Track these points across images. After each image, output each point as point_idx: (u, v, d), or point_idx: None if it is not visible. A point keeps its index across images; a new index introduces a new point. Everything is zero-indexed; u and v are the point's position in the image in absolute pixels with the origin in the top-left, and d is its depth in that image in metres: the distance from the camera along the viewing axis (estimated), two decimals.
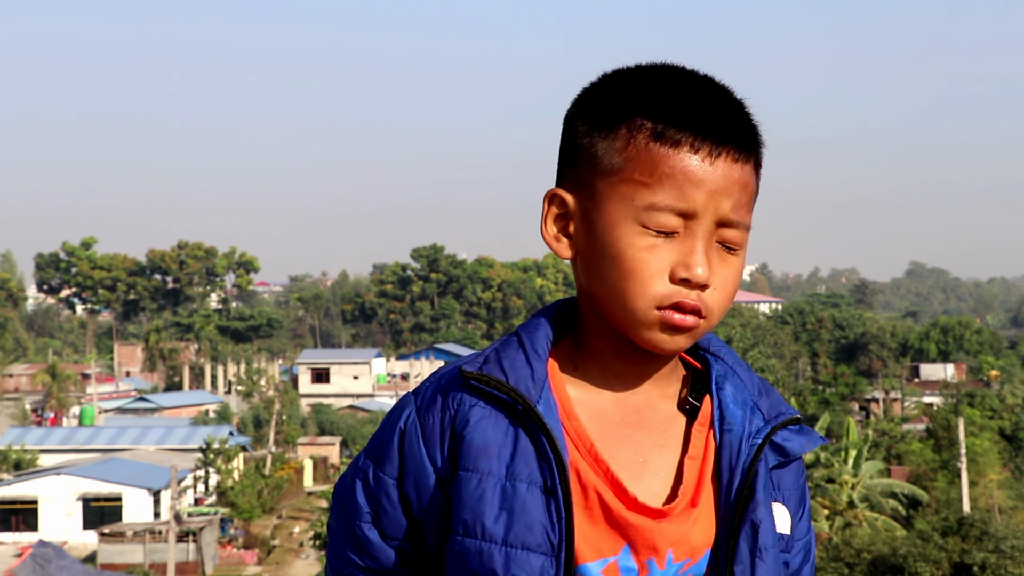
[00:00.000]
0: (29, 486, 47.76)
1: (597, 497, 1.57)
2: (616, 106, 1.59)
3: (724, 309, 1.60)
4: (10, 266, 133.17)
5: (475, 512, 1.56)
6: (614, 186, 1.57)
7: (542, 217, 1.65)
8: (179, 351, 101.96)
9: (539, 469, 1.56)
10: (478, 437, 1.58)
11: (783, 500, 1.68)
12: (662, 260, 1.54)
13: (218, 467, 50.75)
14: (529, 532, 1.55)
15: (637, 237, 1.55)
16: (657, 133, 1.55)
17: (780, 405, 1.68)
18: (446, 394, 1.62)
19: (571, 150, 1.63)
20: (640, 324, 1.56)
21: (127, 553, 40.97)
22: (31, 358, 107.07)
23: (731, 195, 1.56)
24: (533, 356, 1.61)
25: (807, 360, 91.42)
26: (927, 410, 65.06)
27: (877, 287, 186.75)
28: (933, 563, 26.49)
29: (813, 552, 1.75)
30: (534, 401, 1.57)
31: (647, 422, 1.65)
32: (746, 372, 1.70)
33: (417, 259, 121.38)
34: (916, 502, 38.77)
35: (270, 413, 67.50)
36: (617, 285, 1.56)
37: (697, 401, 1.66)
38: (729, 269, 1.59)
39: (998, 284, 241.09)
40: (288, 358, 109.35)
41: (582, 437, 1.60)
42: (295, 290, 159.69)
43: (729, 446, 1.63)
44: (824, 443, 1.72)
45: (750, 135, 1.60)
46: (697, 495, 1.61)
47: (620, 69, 1.64)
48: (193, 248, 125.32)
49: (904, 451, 47.35)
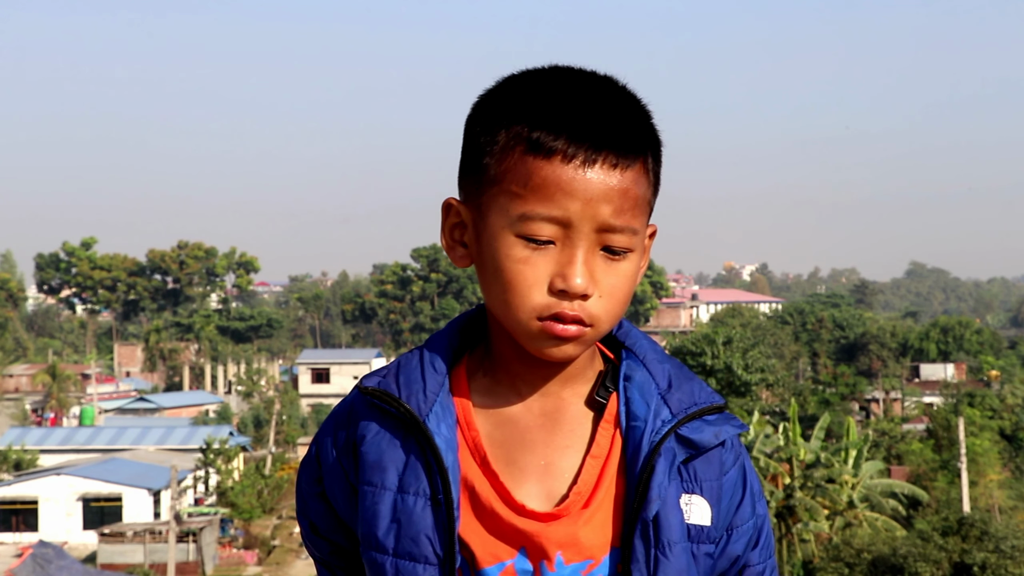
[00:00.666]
0: (29, 486, 47.78)
1: (489, 505, 1.60)
2: (499, 115, 1.58)
3: (614, 315, 1.58)
4: (10, 266, 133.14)
5: (370, 525, 1.62)
6: (494, 197, 1.56)
7: (440, 226, 1.65)
8: (179, 351, 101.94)
9: (427, 481, 1.60)
10: (372, 452, 1.63)
11: (700, 491, 1.64)
12: (540, 271, 1.54)
13: (218, 467, 50.76)
14: (414, 544, 1.59)
15: (514, 249, 1.54)
16: (531, 143, 1.53)
17: (695, 395, 1.66)
18: (352, 408, 1.69)
19: (464, 159, 1.63)
20: (525, 335, 1.57)
21: (127, 553, 40.99)
22: (31, 358, 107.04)
23: (610, 201, 1.53)
24: (428, 370, 1.64)
25: (807, 360, 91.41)
26: (927, 410, 65.03)
27: (877, 287, 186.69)
28: (933, 563, 26.49)
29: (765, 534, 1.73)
30: (423, 416, 1.60)
31: (555, 423, 1.65)
32: (658, 364, 1.68)
33: (417, 259, 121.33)
34: (916, 502, 38.77)
35: (270, 413, 67.52)
36: (500, 297, 1.57)
37: (603, 398, 1.65)
38: (617, 275, 1.57)
39: (998, 284, 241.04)
40: (288, 358, 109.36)
41: (478, 447, 1.62)
42: (295, 290, 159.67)
43: (633, 443, 1.62)
44: (743, 429, 1.68)
45: (632, 138, 1.56)
46: (593, 495, 1.61)
47: (515, 74, 1.62)
48: (193, 248, 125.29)
49: (904, 451, 47.33)
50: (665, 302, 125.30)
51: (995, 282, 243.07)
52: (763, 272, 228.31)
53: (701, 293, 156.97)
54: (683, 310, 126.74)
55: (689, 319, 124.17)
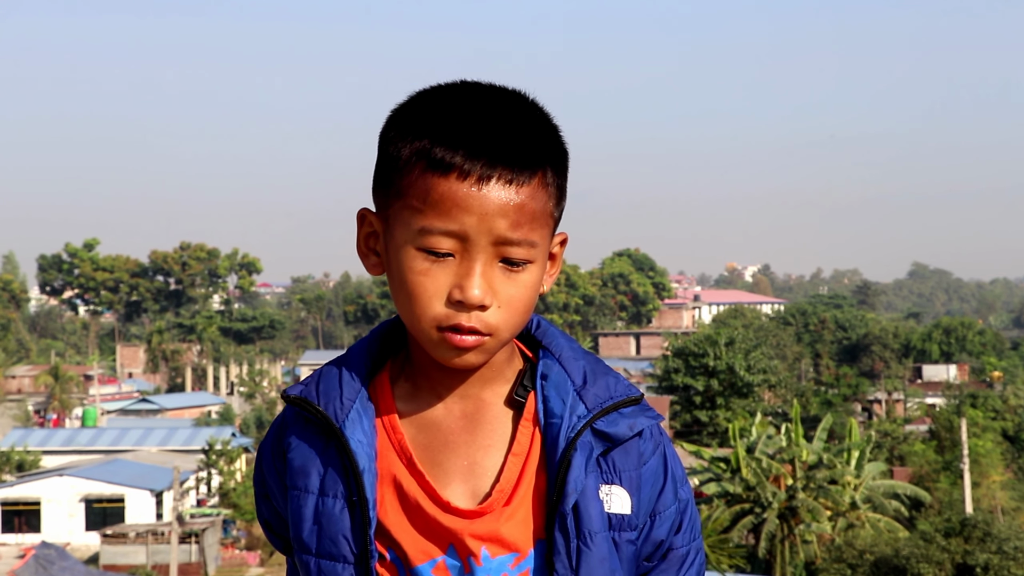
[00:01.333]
0: (32, 487, 47.80)
1: (416, 504, 1.66)
2: (405, 130, 1.62)
3: (513, 324, 1.62)
4: (13, 267, 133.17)
5: (296, 527, 1.70)
6: (399, 211, 1.61)
7: (356, 234, 1.71)
8: (181, 352, 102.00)
9: (344, 484, 1.67)
10: (298, 458, 1.71)
11: (620, 481, 1.69)
12: (439, 283, 1.59)
13: (220, 468, 50.79)
14: (333, 544, 1.67)
15: (415, 261, 1.59)
16: (431, 159, 1.58)
17: (611, 390, 1.71)
18: (283, 418, 1.77)
19: (376, 170, 1.68)
20: (428, 343, 1.62)
21: (130, 554, 41.02)
22: (34, 359, 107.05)
23: (506, 215, 1.57)
24: (346, 378, 1.70)
25: (809, 361, 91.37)
26: (930, 411, 65.01)
27: (879, 288, 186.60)
28: (936, 564, 26.49)
29: (688, 518, 1.78)
30: (339, 422, 1.66)
31: (476, 424, 1.70)
32: (573, 361, 1.73)
33: None
34: (919, 503, 38.76)
35: (272, 414, 67.53)
36: (405, 307, 1.62)
37: (522, 397, 1.71)
38: (516, 286, 1.61)
39: (1000, 285, 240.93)
40: (290, 359, 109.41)
41: (404, 449, 1.68)
42: (297, 291, 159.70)
43: (551, 439, 1.67)
44: (656, 420, 1.73)
45: (529, 154, 1.60)
46: (515, 492, 1.67)
47: (425, 89, 1.67)
48: (195, 249, 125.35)
49: (907, 452, 47.31)
50: (667, 303, 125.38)
51: (997, 283, 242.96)
52: (765, 273, 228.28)
53: (703, 294, 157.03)
54: (685, 311, 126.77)
55: (691, 320, 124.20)
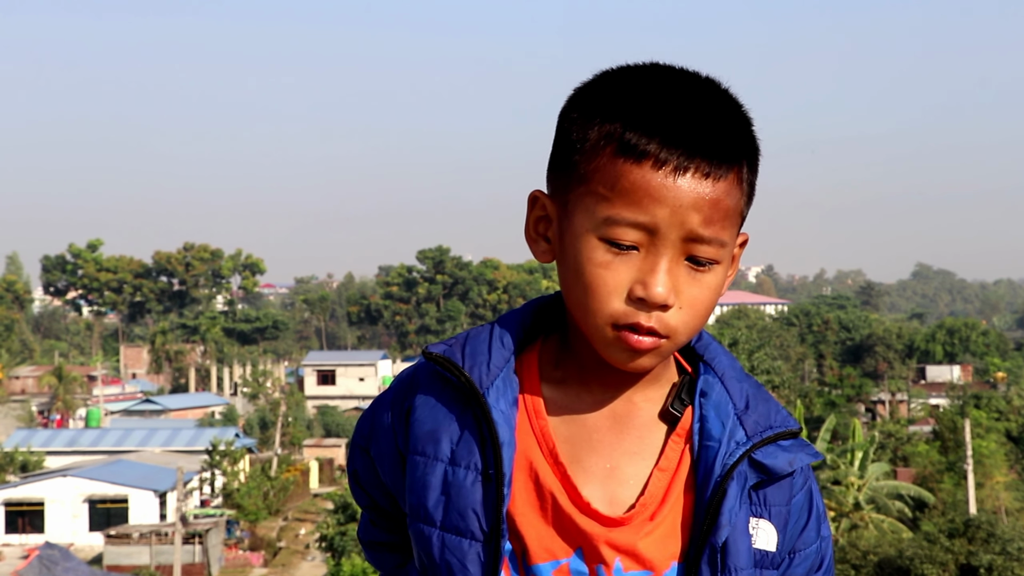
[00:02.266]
0: (35, 488, 47.85)
1: (552, 498, 1.56)
2: (592, 111, 1.53)
3: (693, 328, 1.54)
4: (16, 268, 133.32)
5: (419, 496, 1.59)
6: (581, 197, 1.52)
7: (526, 218, 1.62)
8: (185, 353, 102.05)
9: (480, 455, 1.55)
10: (428, 422, 1.60)
11: (768, 517, 1.61)
12: (620, 277, 1.50)
13: (224, 469, 50.83)
14: (461, 518, 1.55)
15: (596, 252, 1.50)
16: (623, 144, 1.49)
17: (772, 418, 1.62)
18: (414, 376, 1.65)
19: (555, 152, 1.59)
20: (599, 341, 1.53)
21: (133, 555, 41.05)
22: (37, 360, 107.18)
23: (700, 210, 1.48)
24: (496, 345, 1.60)
25: (813, 362, 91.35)
26: (933, 412, 64.95)
27: (883, 289, 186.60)
28: (939, 565, 26.47)
29: (826, 556, 1.70)
30: (483, 388, 1.56)
31: (623, 428, 1.61)
32: (736, 383, 1.63)
33: (423, 261, 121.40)
34: (922, 504, 38.75)
35: (276, 415, 67.56)
36: (578, 299, 1.53)
37: (678, 411, 1.62)
38: (700, 287, 1.53)
39: (1004, 286, 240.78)
40: (294, 360, 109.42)
41: (546, 437, 1.59)
42: (301, 292, 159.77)
43: (705, 462, 1.58)
44: (818, 458, 1.65)
45: (727, 147, 1.51)
46: (660, 508, 1.58)
47: (612, 69, 1.57)
48: (199, 250, 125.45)
49: (910, 453, 47.30)
50: None
51: (1001, 283, 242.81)
52: (769, 274, 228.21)
53: None
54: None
55: None
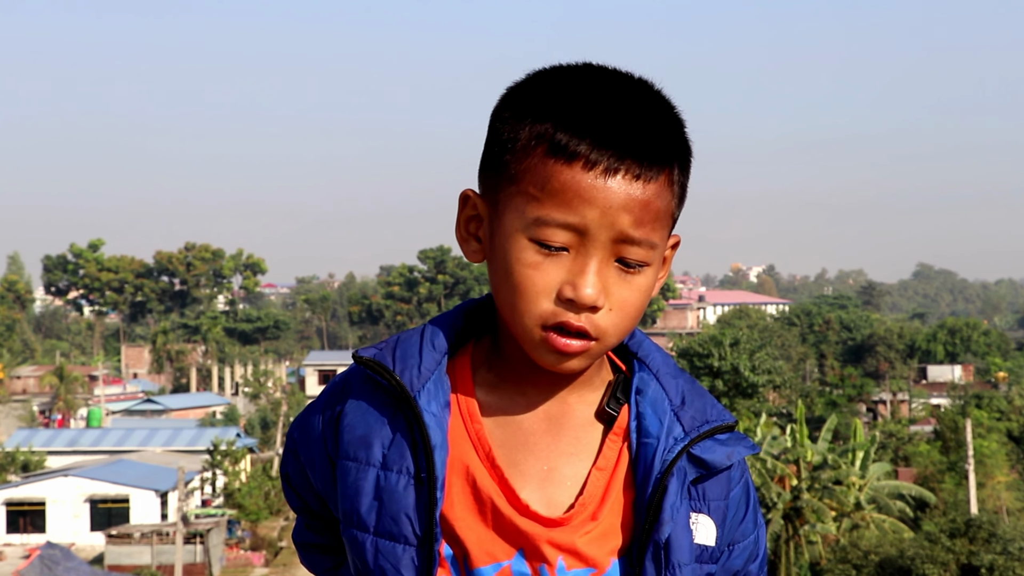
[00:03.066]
0: (37, 488, 47.84)
1: (490, 502, 1.55)
2: (524, 110, 1.52)
3: (623, 330, 1.52)
4: (18, 268, 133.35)
5: (351, 501, 1.57)
6: (511, 196, 1.51)
7: (456, 217, 1.60)
8: (186, 353, 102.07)
9: (412, 459, 1.54)
10: (359, 427, 1.58)
11: (707, 511, 1.61)
12: (549, 278, 1.48)
13: (225, 469, 50.82)
14: (394, 523, 1.54)
15: (525, 252, 1.49)
16: (554, 144, 1.47)
17: (707, 413, 1.61)
18: (346, 381, 1.64)
19: (486, 151, 1.57)
20: (527, 342, 1.52)
21: (134, 555, 41.04)
22: (39, 360, 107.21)
23: (631, 212, 1.47)
24: (427, 347, 1.58)
25: (814, 362, 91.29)
26: (934, 412, 64.91)
27: (884, 289, 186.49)
28: (941, 565, 26.46)
29: (761, 547, 1.71)
30: (414, 391, 1.55)
31: (559, 429, 1.60)
32: (671, 379, 1.63)
33: (424, 261, 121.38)
34: (923, 504, 38.73)
35: (277, 415, 67.58)
36: (508, 299, 1.52)
37: (615, 410, 1.60)
38: (630, 289, 1.51)
39: (1005, 285, 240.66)
40: (295, 360, 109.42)
41: (481, 440, 1.57)
42: (302, 292, 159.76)
43: (644, 460, 1.57)
44: (754, 451, 1.63)
45: (659, 148, 1.49)
46: (600, 508, 1.57)
47: (545, 68, 1.56)
48: (200, 250, 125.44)
49: (911, 453, 47.29)
50: (672, 303, 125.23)
51: (1003, 283, 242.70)
52: (770, 274, 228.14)
53: (708, 294, 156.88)
54: (690, 311, 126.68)
55: (696, 320, 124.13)
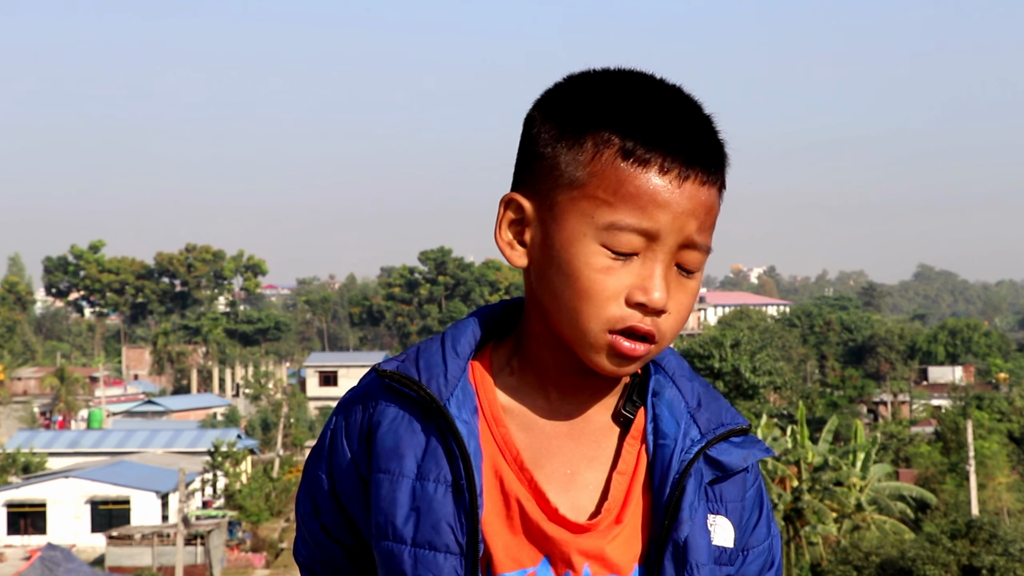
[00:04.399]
0: (37, 489, 47.86)
1: (519, 506, 1.55)
2: (582, 115, 1.53)
3: (676, 333, 1.55)
4: (19, 269, 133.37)
5: (387, 513, 1.56)
6: (575, 201, 1.51)
7: (496, 221, 1.59)
8: (187, 354, 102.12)
9: (449, 468, 1.54)
10: (390, 439, 1.57)
11: (725, 513, 1.62)
12: (619, 282, 1.50)
13: (226, 470, 50.85)
14: (435, 532, 1.53)
15: (595, 257, 1.50)
16: (626, 151, 1.49)
17: (722, 416, 1.63)
18: (367, 393, 1.63)
19: (531, 155, 1.57)
20: (589, 346, 1.52)
21: (135, 556, 41.04)
22: (39, 361, 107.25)
23: (697, 217, 1.51)
24: (450, 355, 1.59)
25: (815, 363, 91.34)
26: (935, 413, 64.90)
27: (885, 290, 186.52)
28: (942, 566, 26.45)
29: (776, 554, 1.71)
30: (443, 399, 1.55)
31: (580, 433, 1.61)
32: (687, 382, 1.65)
33: (424, 262, 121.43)
34: (924, 505, 38.73)
35: (278, 416, 67.61)
36: (570, 304, 1.51)
37: (631, 413, 1.62)
38: (685, 293, 1.54)
39: (1006, 286, 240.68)
40: (296, 361, 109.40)
41: (508, 445, 1.58)
42: (303, 293, 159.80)
43: (661, 461, 1.58)
44: (769, 455, 1.66)
45: (718, 156, 1.54)
46: (623, 512, 1.58)
47: (587, 72, 1.58)
48: (201, 251, 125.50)
49: (912, 454, 47.30)
50: None
51: (1003, 284, 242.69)
52: (771, 275, 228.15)
53: (709, 296, 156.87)
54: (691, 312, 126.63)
55: (697, 322, 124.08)
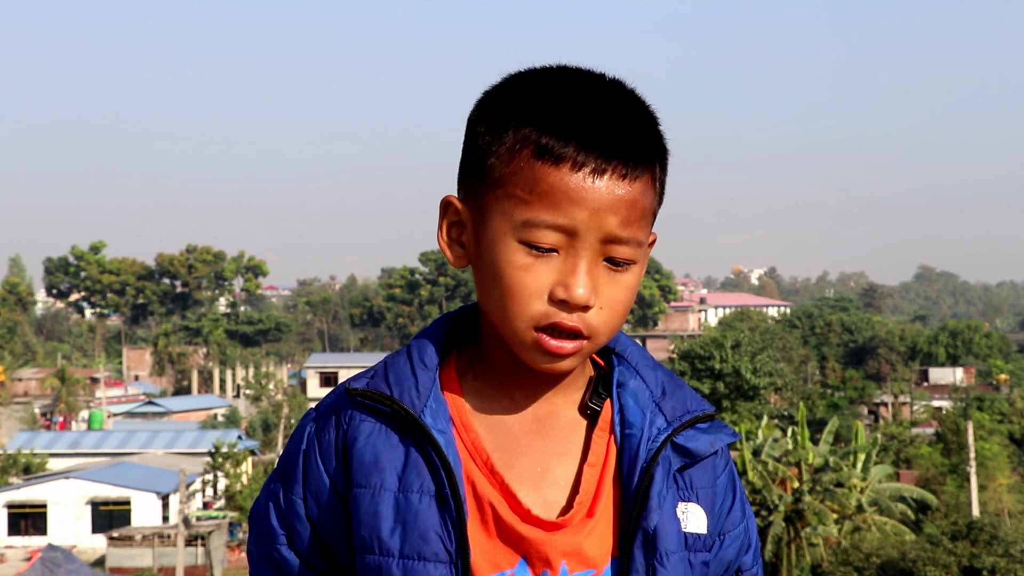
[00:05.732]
0: (38, 490, 47.87)
1: (492, 510, 1.55)
2: (505, 114, 1.53)
3: (613, 328, 1.55)
4: (19, 270, 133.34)
5: (371, 527, 1.54)
6: (498, 200, 1.52)
7: (437, 223, 1.60)
8: (188, 355, 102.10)
9: (431, 478, 1.54)
10: (368, 453, 1.56)
11: (696, 499, 1.62)
12: (540, 279, 1.50)
13: (227, 471, 50.84)
14: (424, 542, 1.53)
15: (515, 255, 1.50)
16: (540, 147, 1.49)
17: (688, 403, 1.63)
18: (339, 411, 1.60)
19: (466, 156, 1.58)
20: (520, 344, 1.53)
21: (136, 557, 41.05)
22: (40, 362, 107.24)
23: (618, 212, 1.49)
24: (419, 366, 1.59)
25: (816, 364, 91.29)
26: (936, 414, 64.88)
27: (886, 291, 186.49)
28: (942, 567, 26.45)
29: (752, 537, 1.72)
30: (418, 412, 1.55)
31: (548, 430, 1.61)
32: (650, 371, 1.65)
33: (425, 263, 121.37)
34: (925, 506, 38.72)
35: (278, 417, 67.60)
36: (498, 302, 1.53)
37: (597, 405, 1.62)
38: (618, 287, 1.53)
39: (1007, 288, 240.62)
40: (296, 362, 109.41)
41: (478, 448, 1.57)
42: (303, 294, 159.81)
43: (629, 451, 1.59)
44: (735, 438, 1.66)
45: (643, 148, 1.52)
46: (595, 504, 1.58)
47: (521, 72, 1.58)
48: (202, 252, 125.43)
49: (913, 455, 47.28)
50: (673, 306, 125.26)
51: (1004, 286, 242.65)
52: (771, 276, 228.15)
53: (709, 297, 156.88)
54: (691, 314, 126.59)
55: (697, 323, 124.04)
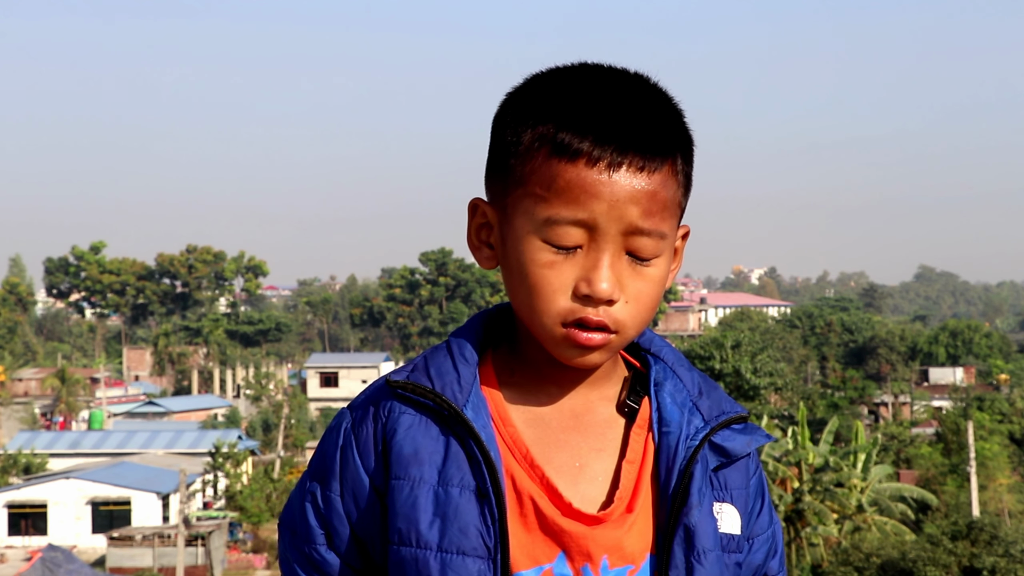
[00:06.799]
0: (38, 490, 47.85)
1: (532, 503, 1.56)
2: (524, 114, 1.55)
3: (641, 321, 1.56)
4: (19, 270, 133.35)
5: (409, 520, 1.54)
6: (520, 199, 1.54)
7: (467, 226, 1.62)
8: (188, 355, 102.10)
9: (471, 473, 1.54)
10: (408, 445, 1.56)
11: (731, 500, 1.64)
12: (564, 276, 1.52)
13: (227, 471, 50.85)
14: (463, 536, 1.53)
15: (539, 253, 1.52)
16: (556, 145, 1.51)
17: (723, 404, 1.65)
18: (377, 404, 1.61)
19: (491, 158, 1.60)
20: (549, 341, 1.55)
21: (136, 557, 41.04)
22: (40, 362, 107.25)
23: (638, 203, 1.50)
24: (460, 361, 1.60)
25: (816, 364, 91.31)
26: (936, 414, 64.88)
27: (886, 291, 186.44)
28: (942, 567, 26.45)
29: (779, 542, 1.73)
30: (460, 405, 1.55)
31: (585, 426, 1.62)
32: (686, 372, 1.67)
33: (425, 263, 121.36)
34: (925, 506, 38.73)
35: (279, 417, 67.60)
36: (526, 301, 1.55)
37: (635, 403, 1.64)
38: (644, 280, 1.54)
39: (1007, 288, 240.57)
40: (297, 362, 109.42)
41: (517, 443, 1.59)
42: (304, 294, 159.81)
43: (667, 449, 1.60)
44: (770, 440, 1.68)
45: (660, 140, 1.53)
46: (634, 500, 1.59)
47: (542, 72, 1.59)
48: (202, 252, 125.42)
49: (913, 455, 47.30)
50: (674, 306, 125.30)
51: (1004, 286, 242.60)
52: (772, 276, 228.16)
53: (710, 297, 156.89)
54: (691, 314, 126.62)
55: (698, 323, 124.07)
